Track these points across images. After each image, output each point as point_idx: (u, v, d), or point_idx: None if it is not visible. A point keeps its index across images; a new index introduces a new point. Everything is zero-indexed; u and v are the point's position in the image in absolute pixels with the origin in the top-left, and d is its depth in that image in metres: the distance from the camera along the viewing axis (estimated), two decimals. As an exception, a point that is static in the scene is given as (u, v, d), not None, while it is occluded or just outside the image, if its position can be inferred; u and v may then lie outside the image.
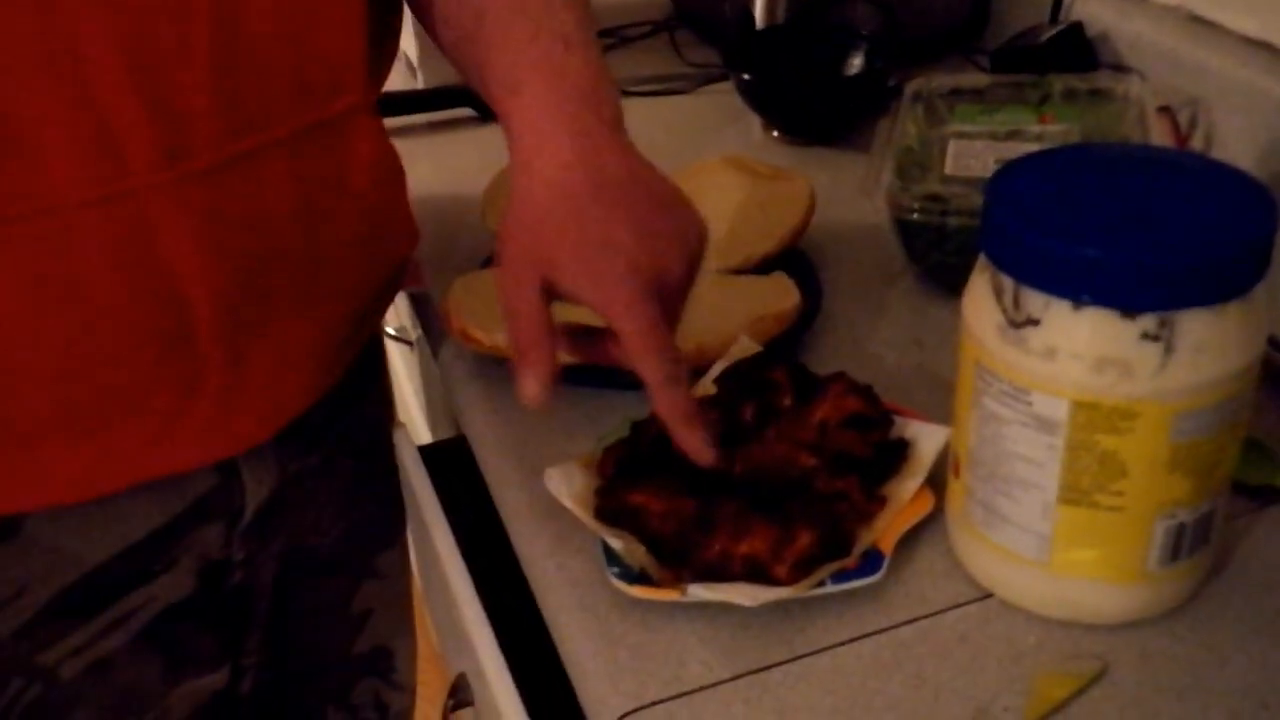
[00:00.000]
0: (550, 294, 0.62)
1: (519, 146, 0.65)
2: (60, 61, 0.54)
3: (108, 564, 0.66)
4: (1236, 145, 0.96)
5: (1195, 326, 0.50)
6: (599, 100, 0.65)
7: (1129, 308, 0.49)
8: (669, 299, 0.62)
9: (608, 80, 0.67)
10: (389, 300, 0.77)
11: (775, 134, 1.06)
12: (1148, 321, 0.49)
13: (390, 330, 1.15)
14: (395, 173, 0.74)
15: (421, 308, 0.88)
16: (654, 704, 0.55)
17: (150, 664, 0.71)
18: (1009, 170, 0.55)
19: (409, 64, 1.21)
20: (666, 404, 0.61)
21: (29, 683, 0.67)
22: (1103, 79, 0.91)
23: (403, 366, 1.40)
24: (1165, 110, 0.97)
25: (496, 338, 0.74)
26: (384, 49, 0.72)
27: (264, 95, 0.61)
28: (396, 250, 0.75)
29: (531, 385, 0.61)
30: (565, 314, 0.63)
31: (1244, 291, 0.50)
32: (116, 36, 0.55)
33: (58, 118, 0.55)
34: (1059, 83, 0.90)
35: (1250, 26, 0.97)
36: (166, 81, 0.57)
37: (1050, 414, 0.52)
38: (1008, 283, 0.52)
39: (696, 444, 0.61)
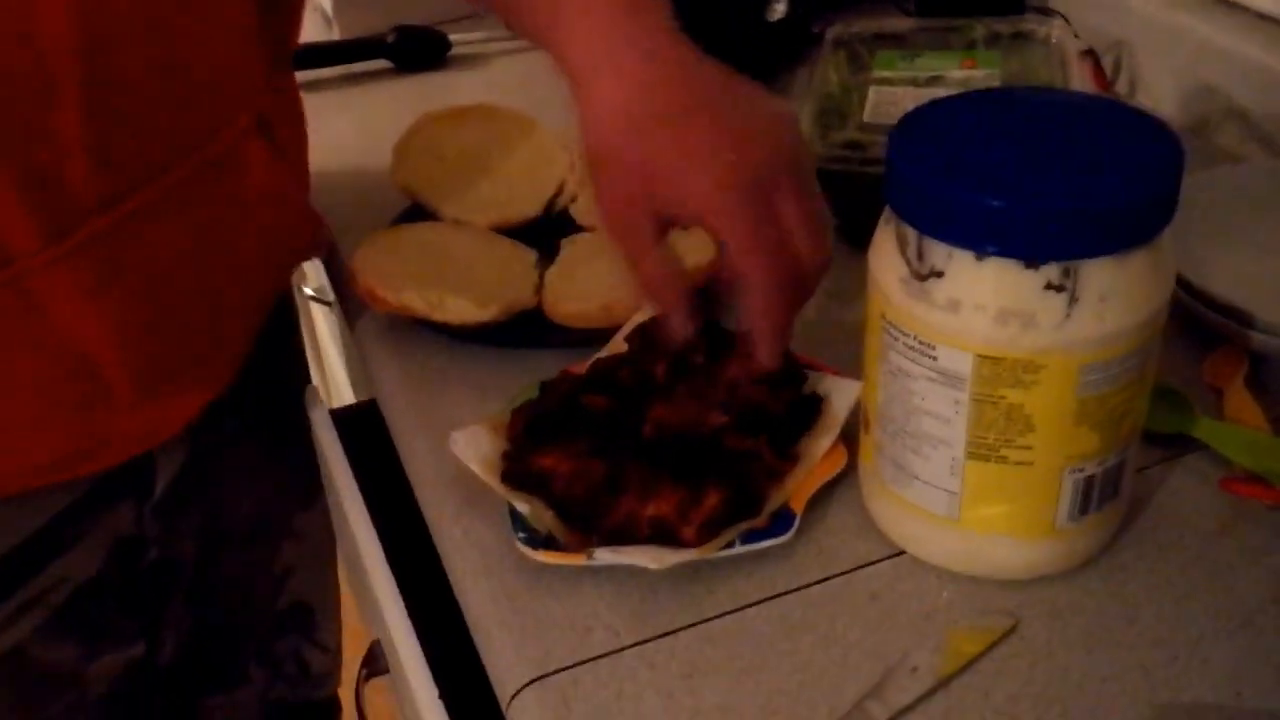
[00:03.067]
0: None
1: (580, 74, 0.60)
2: None
3: (11, 551, 0.65)
4: (1161, 87, 0.95)
5: (1099, 276, 0.48)
6: (639, 8, 0.61)
7: (1031, 258, 0.48)
8: (780, 199, 0.58)
9: None
10: (292, 271, 0.76)
11: (698, 83, 1.03)
12: (1051, 271, 0.48)
13: (309, 291, 1.12)
14: (294, 171, 0.71)
15: (335, 269, 0.85)
16: (558, 671, 0.54)
17: (66, 646, 0.69)
18: (912, 118, 0.53)
19: (324, 15, 1.18)
20: (764, 309, 0.59)
21: None
22: (1027, 22, 0.89)
23: (325, 327, 1.38)
24: (1089, 53, 0.95)
25: (404, 297, 0.72)
26: (284, 28, 0.69)
27: (147, 149, 0.57)
28: (299, 247, 0.73)
29: (679, 325, 0.61)
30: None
31: (1148, 239, 0.49)
32: None
33: None
34: (982, 27, 0.89)
35: (1175, -33, 0.96)
36: (37, 161, 0.53)
37: (955, 368, 0.51)
38: (911, 234, 0.51)
39: (771, 356, 0.60)
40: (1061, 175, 0.49)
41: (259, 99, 0.65)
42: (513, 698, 0.54)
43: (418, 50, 1.10)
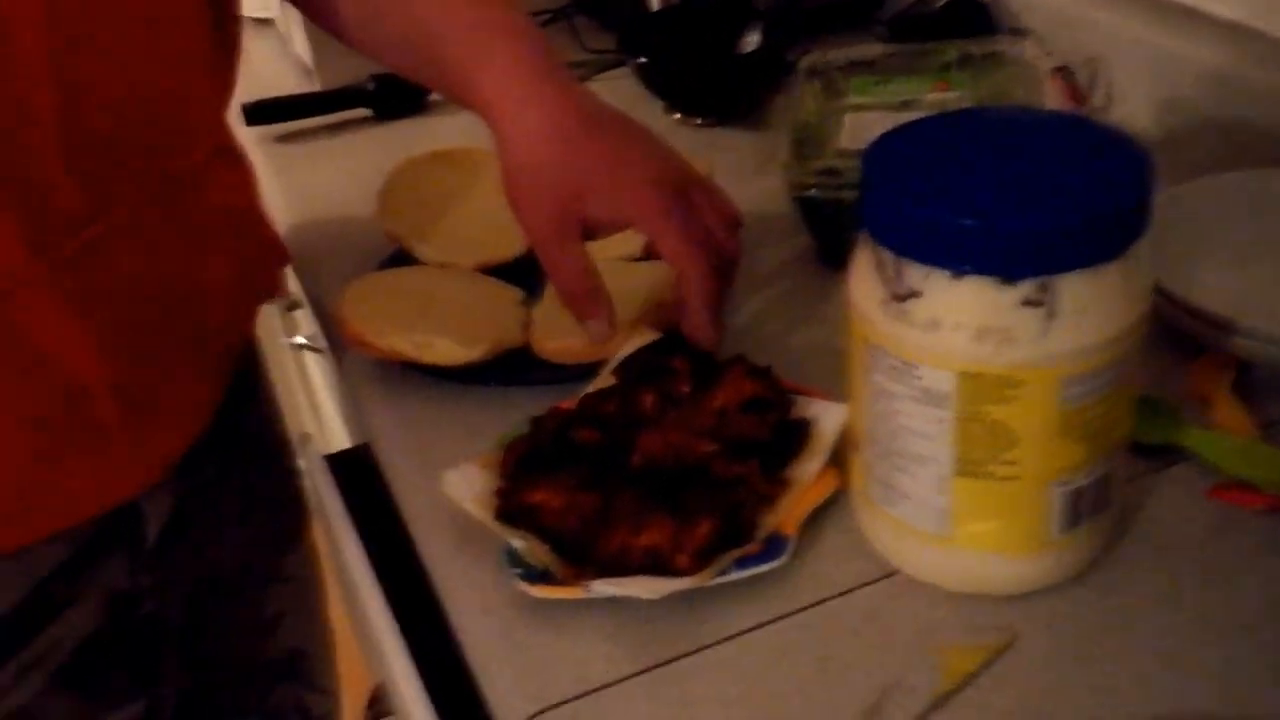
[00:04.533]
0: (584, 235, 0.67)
1: (503, 101, 0.67)
2: None
3: (11, 610, 0.64)
4: (1135, 102, 0.96)
5: (1075, 290, 0.49)
6: (548, 47, 0.69)
7: (1007, 275, 0.49)
8: (698, 201, 0.68)
9: (537, 26, 0.71)
10: (258, 312, 0.77)
11: (677, 116, 1.05)
12: (1027, 288, 0.49)
13: (301, 339, 1.13)
14: (254, 195, 0.73)
15: (324, 316, 0.86)
16: (559, 705, 0.54)
17: (69, 707, 0.69)
18: (885, 142, 0.54)
19: (304, 67, 1.19)
20: (701, 295, 0.66)
21: None
22: (998, 43, 0.90)
23: (318, 374, 1.38)
24: (1062, 70, 0.96)
25: (391, 341, 0.72)
26: (229, 71, 0.70)
27: (121, 167, 0.59)
28: (268, 269, 0.74)
29: (601, 329, 0.68)
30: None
31: (1122, 252, 0.50)
32: None
33: None
34: (954, 49, 0.90)
35: (1142, -17, 0.97)
36: (21, 177, 0.54)
37: (938, 386, 0.51)
38: (887, 256, 0.52)
39: (708, 330, 0.68)
40: (1034, 192, 0.49)
41: (218, 128, 0.68)
42: (514, 734, 0.54)
43: (397, 98, 1.11)
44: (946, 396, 0.51)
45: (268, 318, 1.47)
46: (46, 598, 0.65)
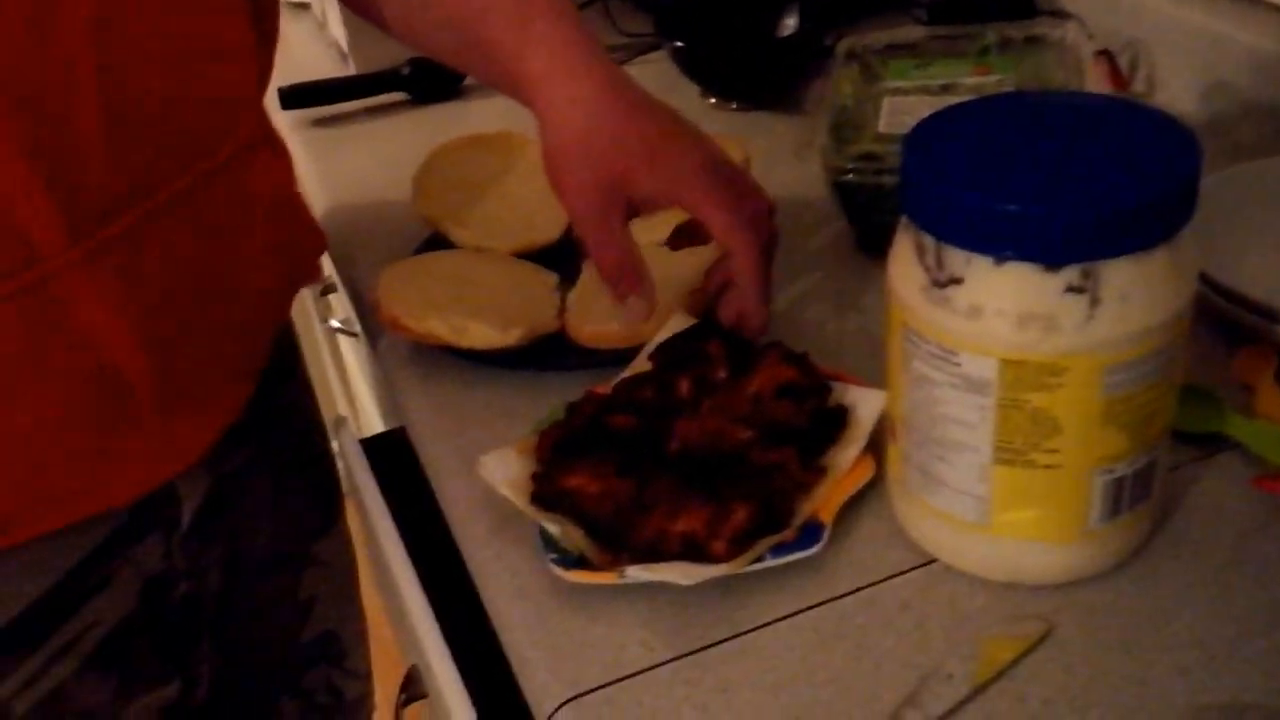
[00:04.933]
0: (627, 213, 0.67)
1: (548, 78, 0.67)
2: None
3: (47, 593, 0.65)
4: (1177, 85, 0.95)
5: (1120, 276, 0.48)
6: (589, 30, 0.69)
7: (1050, 261, 0.48)
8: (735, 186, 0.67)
9: (576, 9, 0.71)
10: (294, 297, 0.77)
11: (713, 101, 1.04)
12: (1071, 274, 0.48)
13: (335, 323, 1.13)
14: (292, 181, 0.73)
15: (360, 300, 0.86)
16: (594, 690, 0.54)
17: (103, 688, 0.70)
18: (925, 126, 0.54)
19: (340, 51, 1.19)
20: (753, 273, 0.66)
21: None
22: (1040, 26, 0.89)
23: (353, 358, 1.39)
24: (1104, 54, 0.95)
25: (428, 324, 0.72)
26: (266, 56, 0.71)
27: (160, 153, 0.59)
28: (305, 256, 0.74)
29: (640, 307, 0.67)
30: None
31: (1168, 238, 0.49)
32: (11, 126, 0.53)
33: None
34: (994, 32, 0.89)
35: (1187, -35, 0.96)
36: (63, 160, 0.55)
37: (979, 374, 0.51)
38: (929, 241, 0.51)
39: (758, 309, 0.67)
40: (1077, 177, 0.49)
41: (256, 113, 0.68)
42: (549, 718, 0.54)
43: (432, 82, 1.11)
44: (988, 384, 0.51)
45: (303, 301, 1.48)
46: (81, 581, 0.66)
